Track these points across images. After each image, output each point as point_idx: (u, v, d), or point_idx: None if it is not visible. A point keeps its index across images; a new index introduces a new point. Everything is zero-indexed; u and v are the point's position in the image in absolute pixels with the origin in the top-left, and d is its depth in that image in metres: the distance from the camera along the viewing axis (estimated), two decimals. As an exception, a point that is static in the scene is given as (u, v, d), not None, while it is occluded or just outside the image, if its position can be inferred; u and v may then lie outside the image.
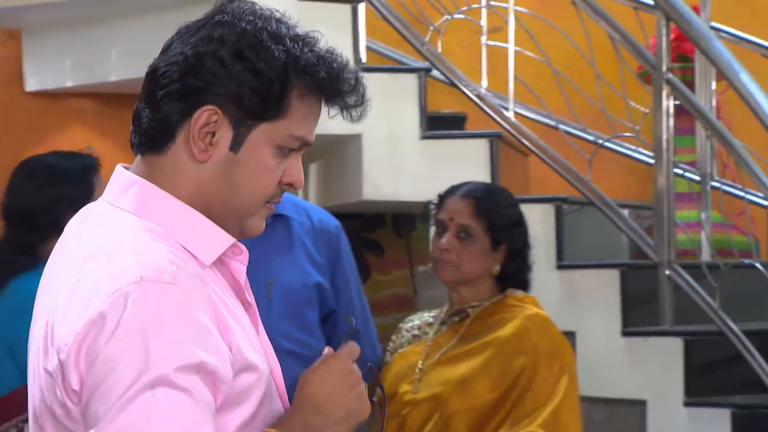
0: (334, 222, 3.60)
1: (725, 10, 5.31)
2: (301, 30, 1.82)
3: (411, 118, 4.39)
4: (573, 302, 4.29)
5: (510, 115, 4.35)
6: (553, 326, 3.16)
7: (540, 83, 4.63)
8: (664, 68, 4.08)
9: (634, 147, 4.80)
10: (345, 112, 1.84)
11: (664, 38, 4.09)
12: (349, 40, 4.30)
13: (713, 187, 4.73)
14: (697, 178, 4.76)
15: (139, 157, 1.82)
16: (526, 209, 4.12)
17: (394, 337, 3.33)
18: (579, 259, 4.37)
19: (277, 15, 1.82)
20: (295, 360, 3.32)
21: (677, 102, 4.12)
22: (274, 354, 1.92)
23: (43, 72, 4.87)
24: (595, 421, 4.17)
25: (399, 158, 4.36)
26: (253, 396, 1.77)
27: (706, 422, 3.94)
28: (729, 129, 5.20)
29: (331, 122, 4.07)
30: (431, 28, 4.52)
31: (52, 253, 1.83)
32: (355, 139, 4.38)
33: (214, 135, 1.78)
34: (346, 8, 4.36)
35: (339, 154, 4.63)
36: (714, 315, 3.96)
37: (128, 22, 4.51)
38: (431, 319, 3.28)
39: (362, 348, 2.06)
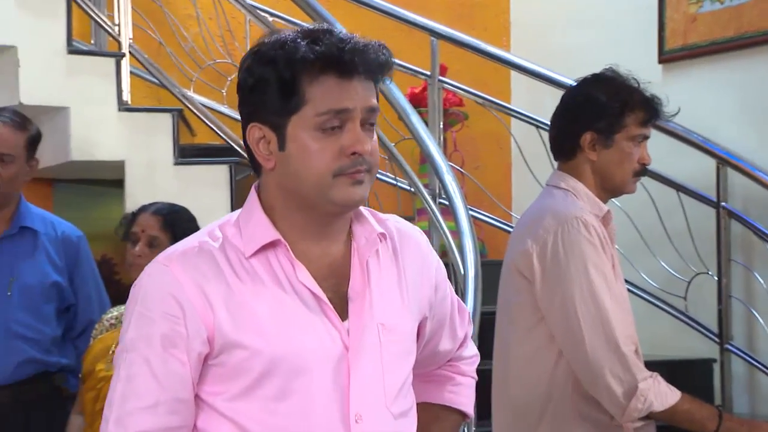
0: (76, 233, 3.88)
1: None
2: (317, 28, 1.81)
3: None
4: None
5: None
6: None
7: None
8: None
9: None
10: (375, 78, 1.82)
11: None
12: (113, 87, 4.51)
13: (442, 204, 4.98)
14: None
15: None
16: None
17: (97, 326, 3.50)
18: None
19: (301, 29, 1.83)
20: (25, 342, 3.69)
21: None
22: (362, 344, 1.86)
23: None
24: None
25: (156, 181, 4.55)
26: (250, 372, 1.79)
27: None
28: (463, 161, 5.63)
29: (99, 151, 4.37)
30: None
31: None
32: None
33: (270, 144, 1.82)
34: (111, 60, 4.57)
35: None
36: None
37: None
38: None
39: None
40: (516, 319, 2.93)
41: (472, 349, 2.25)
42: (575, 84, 3.06)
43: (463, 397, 2.21)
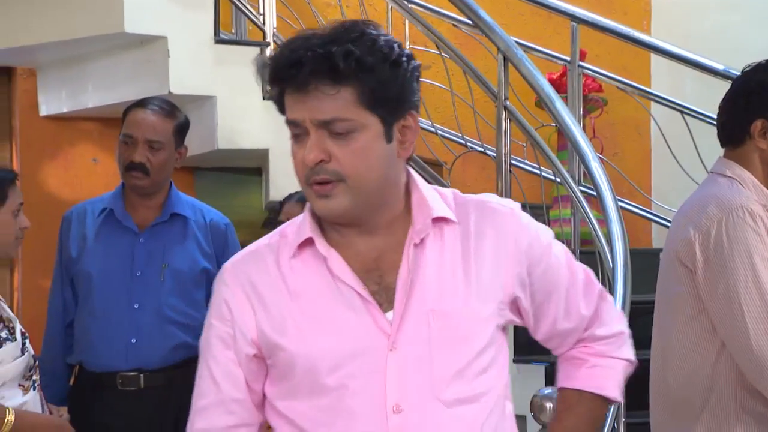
0: (224, 220, 3.90)
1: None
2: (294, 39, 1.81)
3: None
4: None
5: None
6: None
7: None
8: (503, 97, 4.34)
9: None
10: (331, 84, 1.77)
11: (502, 74, 4.33)
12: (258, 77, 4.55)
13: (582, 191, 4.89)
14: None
15: None
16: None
17: None
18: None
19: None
20: (178, 327, 3.73)
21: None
22: (405, 333, 1.85)
23: (50, 101, 5.04)
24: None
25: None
26: (293, 371, 1.85)
27: (528, 375, 4.14)
28: (602, 147, 5.52)
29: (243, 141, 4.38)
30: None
31: None
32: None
33: None
34: (256, 50, 4.57)
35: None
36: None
37: (100, 60, 4.73)
38: None
39: None
40: (676, 309, 2.84)
41: (611, 328, 2.10)
42: (748, 69, 2.92)
43: (599, 379, 2.07)
